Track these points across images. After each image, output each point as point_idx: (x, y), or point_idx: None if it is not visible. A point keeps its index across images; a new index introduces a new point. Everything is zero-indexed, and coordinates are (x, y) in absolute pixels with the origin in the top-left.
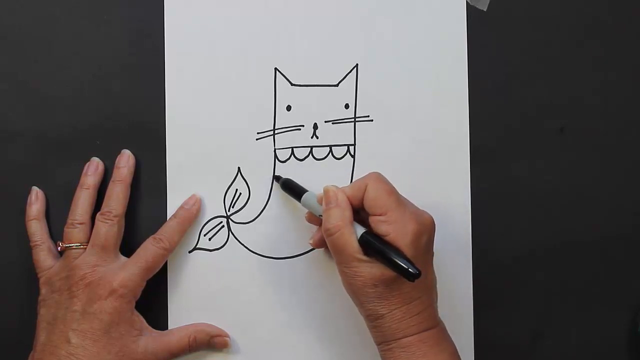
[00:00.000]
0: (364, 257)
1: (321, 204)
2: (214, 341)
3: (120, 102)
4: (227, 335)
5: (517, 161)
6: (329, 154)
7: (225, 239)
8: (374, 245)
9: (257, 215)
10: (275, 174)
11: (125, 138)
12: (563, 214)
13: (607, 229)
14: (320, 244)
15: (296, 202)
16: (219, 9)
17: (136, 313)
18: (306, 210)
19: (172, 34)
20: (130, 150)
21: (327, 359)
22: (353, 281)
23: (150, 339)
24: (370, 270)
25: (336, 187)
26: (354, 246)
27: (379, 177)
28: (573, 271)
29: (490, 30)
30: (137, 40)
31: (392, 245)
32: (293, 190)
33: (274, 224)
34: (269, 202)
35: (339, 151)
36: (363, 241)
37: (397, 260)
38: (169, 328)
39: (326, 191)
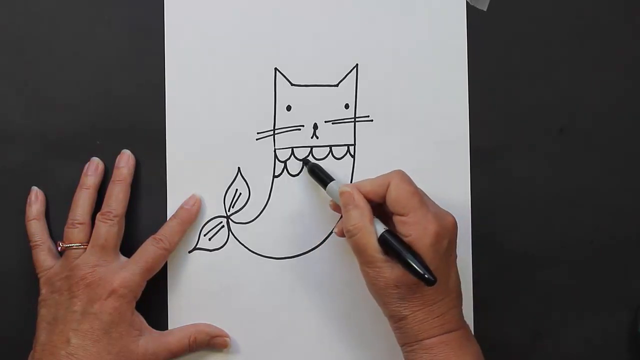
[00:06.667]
0: (385, 257)
1: None
2: (214, 341)
3: (120, 102)
4: (227, 336)
5: (517, 161)
6: (329, 154)
7: (225, 239)
8: (393, 246)
9: (257, 215)
10: (305, 158)
11: (125, 138)
12: (563, 214)
13: (607, 229)
14: (343, 233)
15: (296, 202)
16: (219, 9)
17: (136, 313)
18: (306, 212)
19: (172, 34)
20: (130, 150)
21: (327, 359)
22: (376, 281)
23: (150, 339)
24: (392, 271)
25: (350, 186)
26: (374, 246)
27: (403, 176)
28: (573, 271)
29: (490, 30)
30: (137, 40)
31: (411, 247)
32: (319, 177)
33: (274, 224)
34: (269, 202)
35: (339, 151)
36: (383, 241)
37: (413, 264)
38: (169, 328)
39: (341, 193)
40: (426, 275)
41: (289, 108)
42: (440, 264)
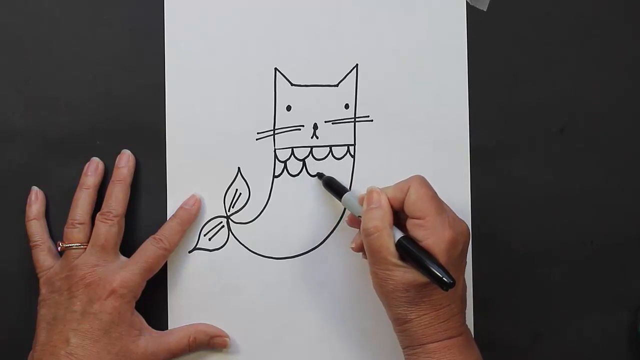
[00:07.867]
0: (399, 262)
1: (362, 205)
2: (214, 341)
3: (120, 102)
4: (226, 336)
5: (517, 161)
6: (329, 154)
7: (225, 239)
8: (411, 252)
9: (257, 215)
10: (318, 171)
11: (125, 138)
12: (563, 214)
13: (607, 229)
14: (361, 248)
15: (296, 202)
16: (219, 9)
17: (136, 313)
18: (305, 212)
19: (172, 34)
20: (130, 150)
21: (327, 359)
22: (385, 284)
23: (150, 339)
24: (404, 275)
25: (379, 188)
26: (390, 249)
27: (422, 181)
28: (573, 271)
29: (490, 30)
30: (137, 40)
31: (427, 251)
32: (334, 189)
33: (274, 224)
34: (269, 202)
35: (339, 151)
36: (400, 246)
37: (432, 269)
38: (169, 328)
39: (370, 192)
40: (445, 279)
41: (289, 108)
42: (452, 270)
